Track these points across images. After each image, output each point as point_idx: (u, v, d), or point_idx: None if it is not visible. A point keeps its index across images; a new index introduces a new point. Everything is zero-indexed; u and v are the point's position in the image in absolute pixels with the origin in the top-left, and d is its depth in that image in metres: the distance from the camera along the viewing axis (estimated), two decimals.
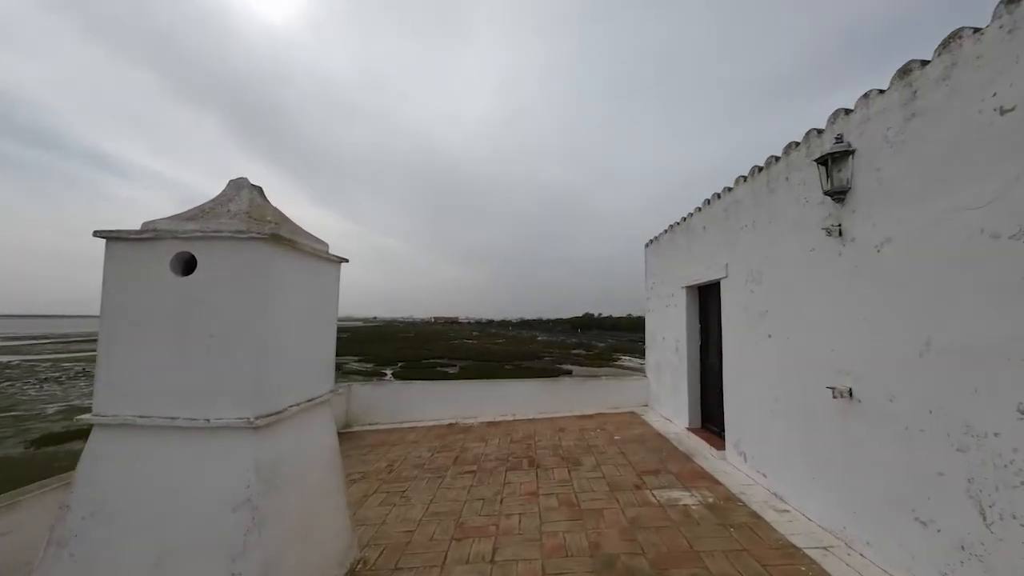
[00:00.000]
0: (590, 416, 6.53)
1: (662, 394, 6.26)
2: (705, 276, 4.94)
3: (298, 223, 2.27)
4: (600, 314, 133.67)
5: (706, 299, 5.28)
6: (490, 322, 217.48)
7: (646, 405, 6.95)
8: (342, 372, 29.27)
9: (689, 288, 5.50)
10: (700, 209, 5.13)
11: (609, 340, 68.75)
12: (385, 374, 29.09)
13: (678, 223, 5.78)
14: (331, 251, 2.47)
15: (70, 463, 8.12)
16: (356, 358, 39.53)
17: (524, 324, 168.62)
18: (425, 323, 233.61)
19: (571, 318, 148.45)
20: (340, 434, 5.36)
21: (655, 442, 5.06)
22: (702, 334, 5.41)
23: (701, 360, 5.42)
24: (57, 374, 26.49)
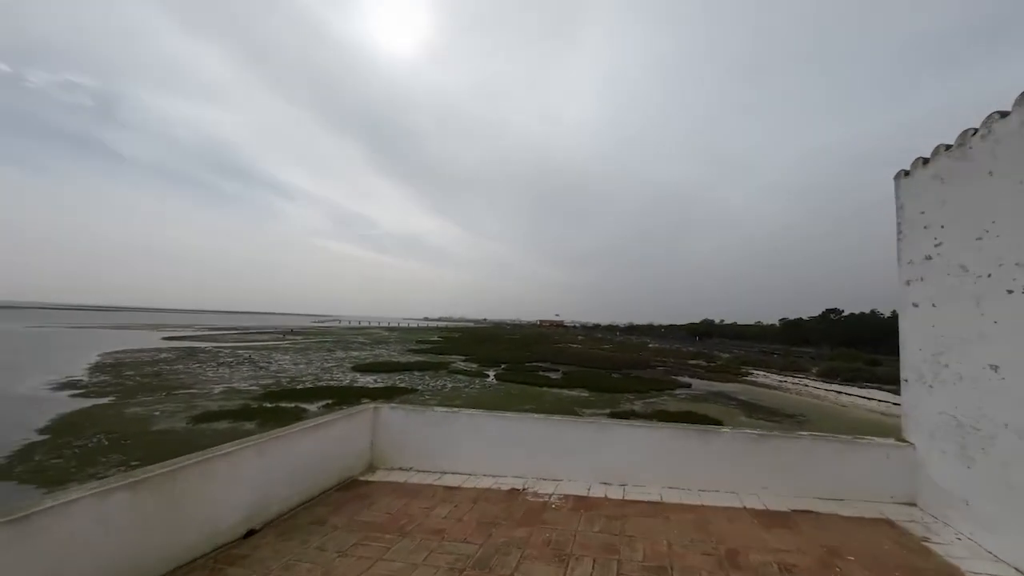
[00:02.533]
0: (784, 515, 3.38)
1: (983, 491, 2.92)
2: None
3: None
4: (722, 320, 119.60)
5: None
6: (596, 326, 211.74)
7: (912, 504, 3.57)
8: (448, 371, 30.16)
9: None
10: None
11: (734, 350, 60.52)
12: (488, 375, 29.09)
13: None
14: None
15: (207, 441, 8.67)
16: (463, 358, 40.86)
17: (632, 329, 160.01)
18: (531, 326, 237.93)
19: (687, 324, 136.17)
20: (356, 483, 3.72)
21: None
22: None
23: None
24: (231, 360, 32.10)
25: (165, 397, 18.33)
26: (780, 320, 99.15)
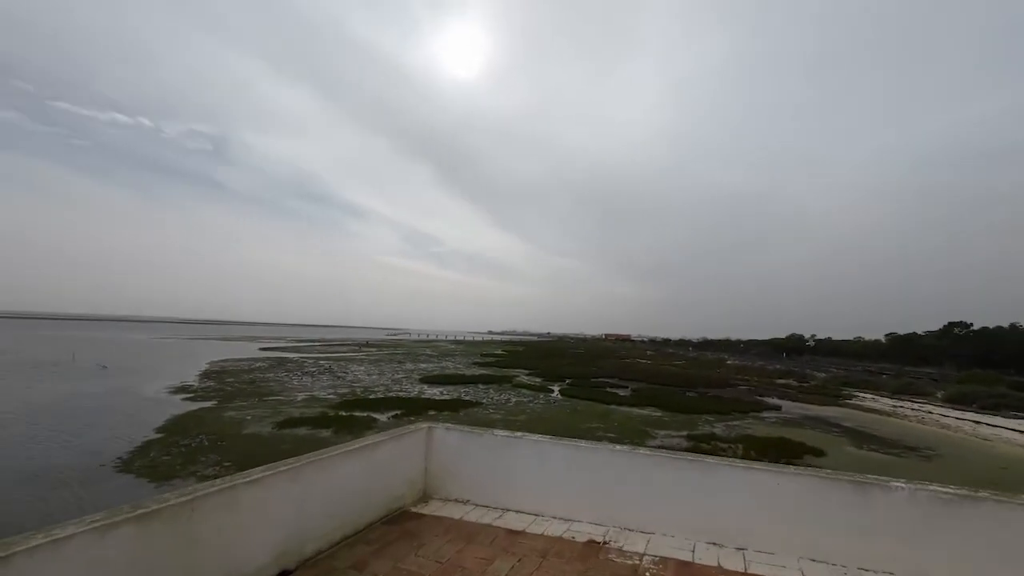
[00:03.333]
0: None
1: None
2: None
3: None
4: (813, 336, 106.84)
5: None
6: (666, 341, 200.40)
7: None
8: (512, 384, 29.85)
9: None
10: None
11: (830, 368, 53.49)
12: (552, 390, 28.30)
13: None
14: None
15: (289, 447, 9.03)
16: (527, 372, 40.41)
17: (707, 344, 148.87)
18: (596, 340, 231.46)
19: (770, 339, 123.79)
20: (406, 514, 3.25)
21: None
22: None
23: None
24: (314, 370, 34.62)
25: (257, 403, 19.97)
26: (887, 335, 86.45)
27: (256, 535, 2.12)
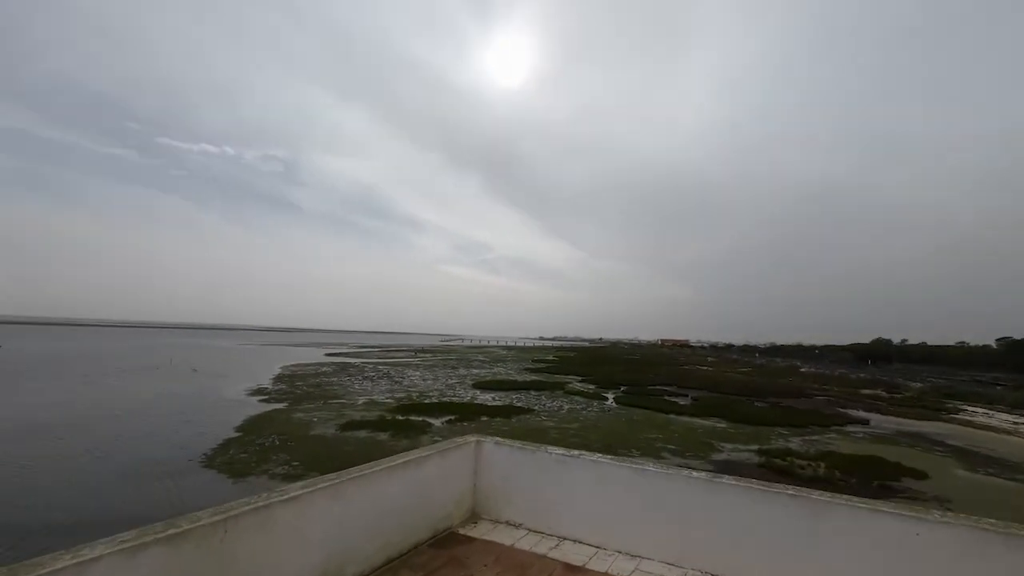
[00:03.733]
0: None
1: None
2: None
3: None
4: (904, 340, 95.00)
5: None
6: (729, 347, 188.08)
7: None
8: (564, 391, 29.27)
9: None
10: None
11: (927, 378, 47.17)
12: (606, 398, 27.36)
13: None
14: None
15: (351, 449, 9.35)
16: (579, 378, 39.54)
17: (776, 351, 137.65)
18: (651, 345, 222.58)
19: (851, 345, 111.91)
20: (454, 536, 2.98)
21: None
22: None
23: None
24: (372, 374, 36.21)
25: (322, 405, 21.11)
26: (999, 340, 75.02)
27: (293, 557, 1.99)
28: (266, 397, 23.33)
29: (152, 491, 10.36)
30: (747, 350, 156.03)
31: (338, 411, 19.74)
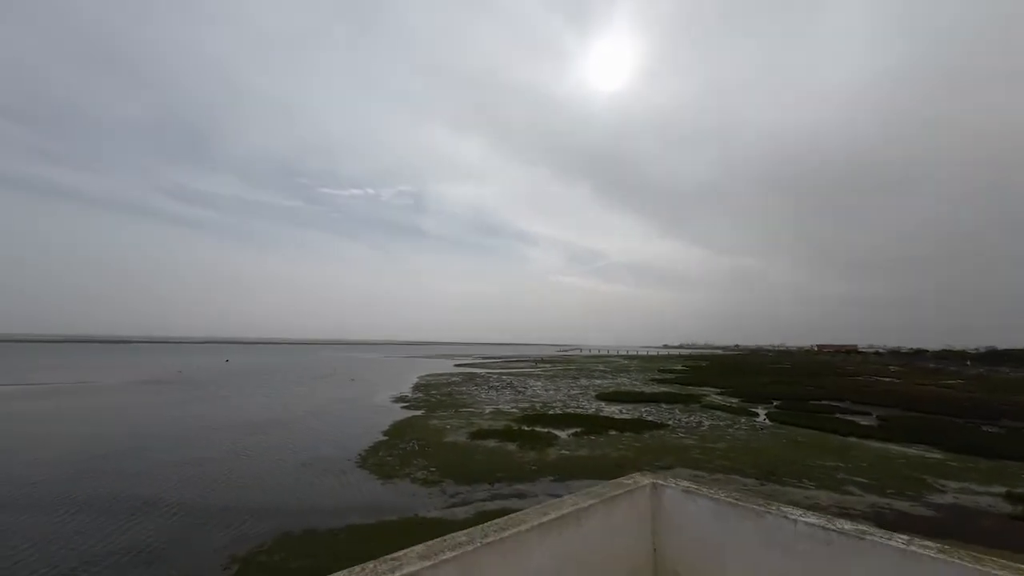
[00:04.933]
0: None
1: None
2: None
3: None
4: None
5: None
6: (920, 352, 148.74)
7: None
8: (701, 405, 26.10)
9: None
10: None
11: None
12: (757, 413, 23.53)
13: None
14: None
15: (481, 459, 9.44)
16: (716, 390, 35.12)
17: (997, 356, 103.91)
18: (804, 352, 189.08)
19: None
20: None
21: None
22: None
23: None
24: (497, 384, 37.46)
25: (453, 413, 22.32)
26: None
27: None
28: (407, 404, 25.65)
29: (322, 483, 11.85)
30: (949, 356, 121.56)
31: (468, 419, 20.57)
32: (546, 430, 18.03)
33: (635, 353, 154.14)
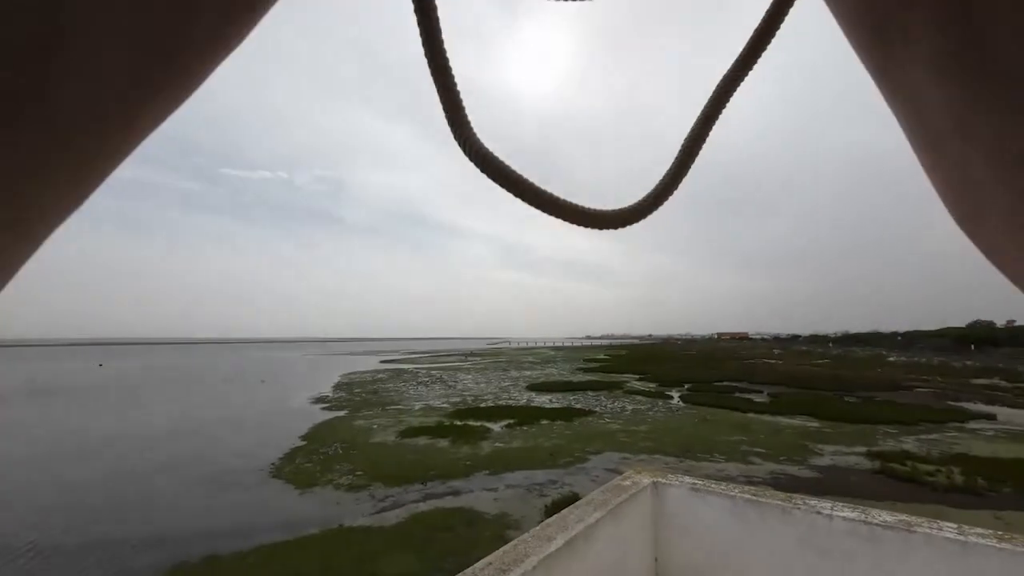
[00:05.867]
0: None
1: None
2: None
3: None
4: (1012, 322, 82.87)
5: None
6: (795, 338, 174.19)
7: None
8: (624, 391, 27.72)
9: None
10: None
11: None
12: (671, 396, 25.54)
13: None
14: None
15: (413, 458, 8.79)
16: (636, 376, 37.60)
17: (851, 339, 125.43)
18: (706, 340, 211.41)
19: (942, 329, 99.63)
20: None
21: None
22: None
23: None
24: (426, 380, 36.41)
25: (380, 412, 21.15)
26: None
27: None
28: (328, 405, 23.80)
29: (225, 501, 10.41)
30: (816, 340, 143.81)
31: (396, 417, 19.62)
32: (479, 423, 17.81)
33: (561, 344, 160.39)
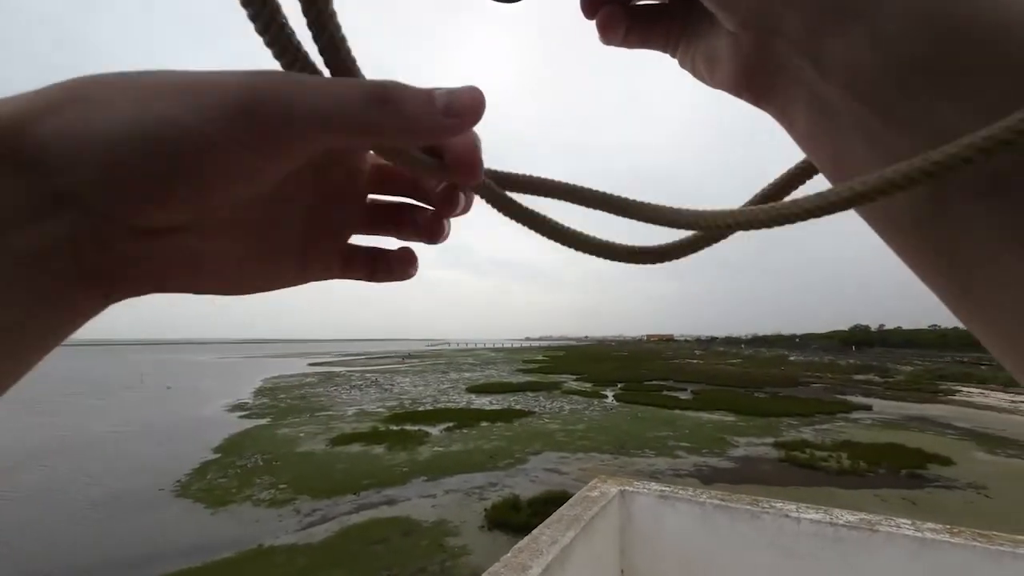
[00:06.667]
0: None
1: None
2: None
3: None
4: (882, 326, 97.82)
5: None
6: (712, 339, 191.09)
7: None
8: (561, 391, 28.43)
9: None
10: None
11: (914, 361, 48.22)
12: (606, 396, 26.63)
13: None
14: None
15: (344, 467, 8.15)
16: (573, 377, 38.78)
17: (759, 341, 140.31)
18: (636, 341, 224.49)
19: (829, 332, 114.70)
20: None
21: None
22: None
23: None
24: (360, 383, 34.67)
25: (308, 419, 19.72)
26: None
27: None
28: (247, 413, 21.75)
29: (124, 526, 9.04)
30: (731, 342, 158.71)
31: (326, 424, 18.42)
32: (416, 428, 17.24)
33: (501, 346, 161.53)
